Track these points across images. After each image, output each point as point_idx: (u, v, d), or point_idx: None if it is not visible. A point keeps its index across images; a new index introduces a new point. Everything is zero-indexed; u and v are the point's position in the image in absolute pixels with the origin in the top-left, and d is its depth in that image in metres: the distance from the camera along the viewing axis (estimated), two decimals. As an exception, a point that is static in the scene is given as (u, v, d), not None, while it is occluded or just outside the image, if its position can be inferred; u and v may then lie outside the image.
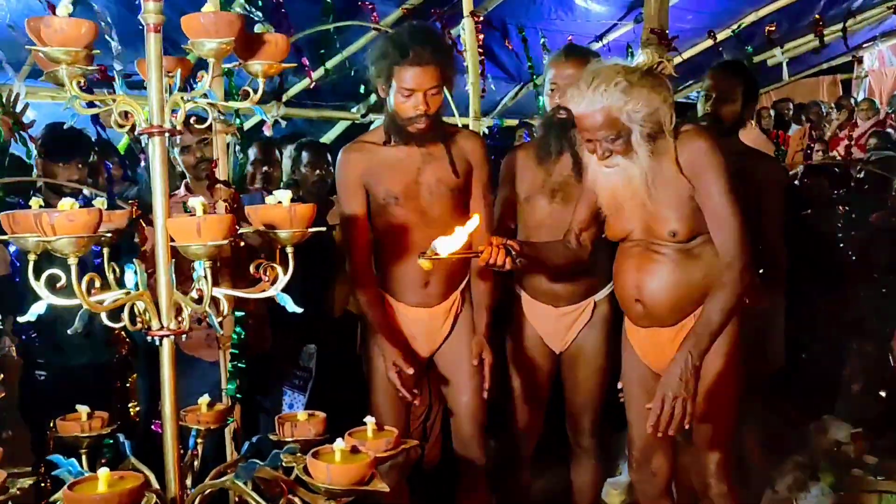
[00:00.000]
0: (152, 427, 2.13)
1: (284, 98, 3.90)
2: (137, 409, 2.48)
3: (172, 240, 1.24)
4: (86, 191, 2.40)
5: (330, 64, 3.55)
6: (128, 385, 2.37)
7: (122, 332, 2.35)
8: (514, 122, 5.77)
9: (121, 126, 1.30)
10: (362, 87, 3.72)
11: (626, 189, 1.82)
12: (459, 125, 2.91)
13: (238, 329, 2.18)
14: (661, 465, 2.02)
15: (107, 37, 1.88)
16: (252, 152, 2.75)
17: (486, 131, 4.96)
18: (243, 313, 2.17)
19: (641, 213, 1.87)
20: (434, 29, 2.10)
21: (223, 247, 1.25)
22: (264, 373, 2.57)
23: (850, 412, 2.88)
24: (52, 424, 1.50)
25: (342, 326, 2.99)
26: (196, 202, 1.18)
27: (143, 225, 1.97)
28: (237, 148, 2.31)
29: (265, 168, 2.78)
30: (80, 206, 2.53)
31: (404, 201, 2.12)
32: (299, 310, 1.34)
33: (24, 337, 2.36)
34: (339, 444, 1.28)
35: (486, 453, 2.28)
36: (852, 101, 6.92)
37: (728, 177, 1.81)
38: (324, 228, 1.34)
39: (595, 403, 2.35)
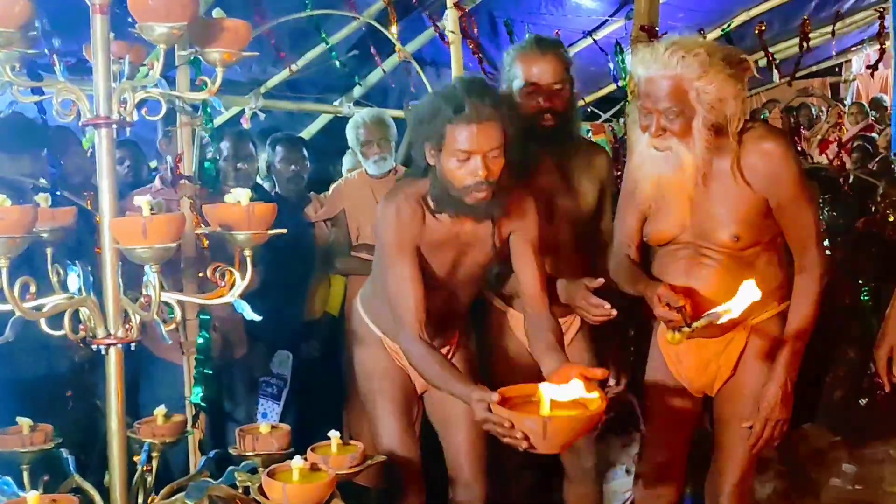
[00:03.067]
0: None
1: (263, 89, 3.77)
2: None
3: (119, 241, 1.14)
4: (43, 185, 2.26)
5: (310, 55, 3.42)
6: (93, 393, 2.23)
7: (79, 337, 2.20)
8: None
9: (63, 116, 1.20)
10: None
11: (674, 178, 1.64)
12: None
13: (204, 333, 2.07)
14: (670, 487, 1.88)
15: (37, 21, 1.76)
16: (224, 147, 2.63)
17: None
18: (208, 317, 2.07)
19: (695, 213, 1.70)
20: (488, 82, 1.81)
21: (178, 247, 1.16)
22: (235, 380, 2.47)
23: (831, 420, 2.83)
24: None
25: (323, 329, 2.89)
26: (142, 200, 1.08)
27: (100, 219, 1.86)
28: (207, 142, 2.17)
29: (239, 164, 2.66)
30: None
31: (435, 280, 1.81)
32: (258, 317, 1.25)
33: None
34: (298, 462, 1.19)
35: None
36: (841, 104, 6.90)
37: (805, 180, 1.68)
38: (285, 231, 1.25)
39: None
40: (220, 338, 2.33)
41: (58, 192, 1.86)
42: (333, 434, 1.30)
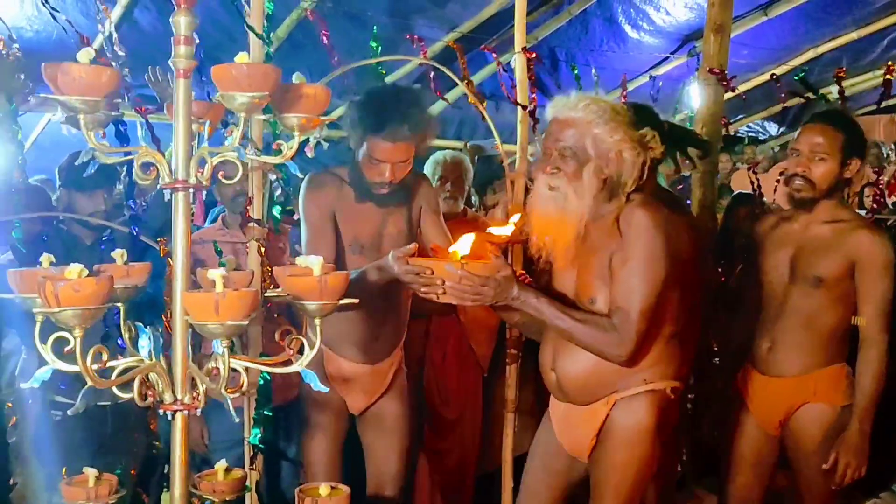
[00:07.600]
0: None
1: (327, 120, 3.79)
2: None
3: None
4: (112, 225, 2.28)
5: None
6: (152, 429, 2.24)
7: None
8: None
9: (143, 179, 1.19)
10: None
11: (558, 217, 1.69)
12: (502, 153, 2.75)
13: (265, 374, 2.05)
14: None
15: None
16: None
17: (530, 160, 4.81)
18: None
19: (572, 272, 1.75)
20: (414, 96, 2.02)
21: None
22: (289, 419, 2.44)
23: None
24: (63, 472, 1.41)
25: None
26: (216, 274, 1.06)
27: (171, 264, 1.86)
28: (277, 185, 2.17)
29: None
30: (105, 241, 2.37)
31: (368, 251, 2.03)
32: (325, 389, 1.21)
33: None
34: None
35: None
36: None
37: (657, 258, 1.63)
38: (357, 301, 1.20)
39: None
40: (277, 379, 2.32)
41: (136, 234, 1.87)
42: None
